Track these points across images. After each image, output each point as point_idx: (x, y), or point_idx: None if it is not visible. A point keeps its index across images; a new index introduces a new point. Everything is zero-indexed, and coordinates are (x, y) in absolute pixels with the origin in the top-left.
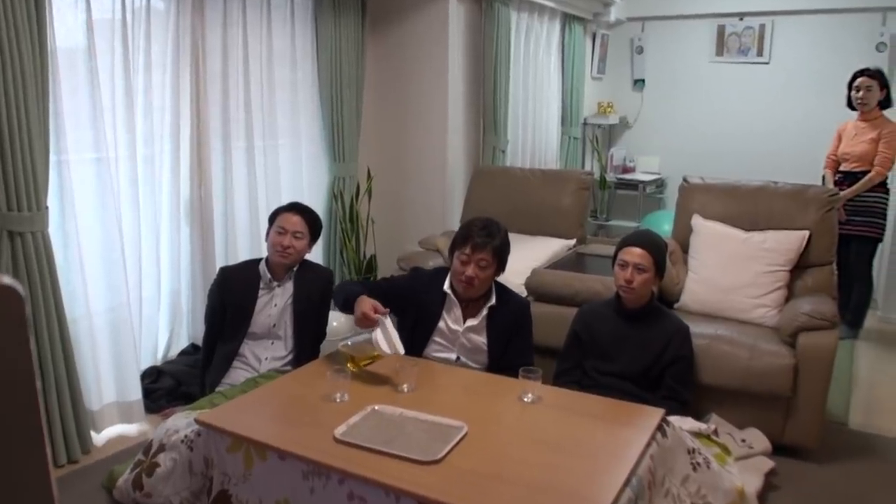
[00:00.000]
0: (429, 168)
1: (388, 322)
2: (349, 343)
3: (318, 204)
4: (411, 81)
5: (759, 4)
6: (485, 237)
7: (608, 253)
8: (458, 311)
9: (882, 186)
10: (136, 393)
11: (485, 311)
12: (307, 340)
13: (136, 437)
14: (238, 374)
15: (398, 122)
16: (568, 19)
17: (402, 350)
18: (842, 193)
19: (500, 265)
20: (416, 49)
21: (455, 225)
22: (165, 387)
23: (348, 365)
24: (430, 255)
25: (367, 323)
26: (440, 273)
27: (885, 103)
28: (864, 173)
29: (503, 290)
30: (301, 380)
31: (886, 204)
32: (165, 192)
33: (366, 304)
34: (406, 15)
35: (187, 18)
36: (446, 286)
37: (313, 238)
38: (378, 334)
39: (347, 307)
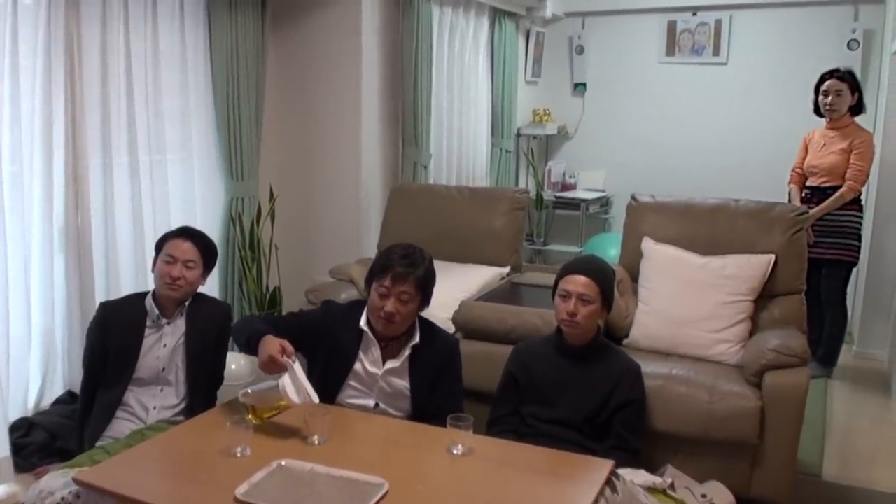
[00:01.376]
0: (340, 186)
1: (298, 366)
2: (250, 391)
3: (212, 228)
4: (320, 87)
5: None
6: (407, 266)
7: (547, 282)
8: (376, 352)
9: (855, 204)
10: (3, 449)
11: (407, 352)
12: (202, 386)
13: (3, 501)
14: (122, 425)
15: (305, 134)
16: (498, 15)
17: (315, 398)
18: (810, 212)
19: (425, 298)
20: (325, 49)
21: (371, 251)
22: (38, 441)
23: (249, 417)
24: (342, 287)
25: (273, 368)
26: (356, 307)
27: (856, 109)
28: (835, 189)
29: (428, 327)
30: (195, 431)
31: (860, 223)
32: (36, 214)
33: (272, 345)
34: (313, 10)
35: (60, 13)
36: (363, 323)
37: (207, 268)
38: (286, 380)
39: (251, 348)
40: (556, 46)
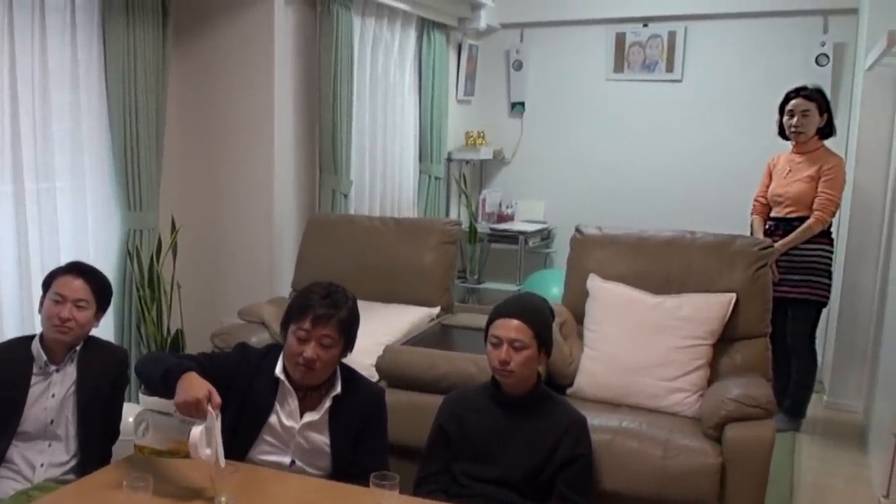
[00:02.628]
0: (251, 218)
1: (219, 423)
2: (147, 425)
3: (107, 264)
4: (228, 107)
5: (668, 6)
6: (328, 307)
7: (481, 324)
8: (293, 403)
9: (825, 237)
10: None
11: (328, 403)
12: (95, 441)
13: None
14: (5, 485)
15: (211, 160)
16: (427, 26)
17: (222, 463)
18: (775, 245)
19: (348, 343)
20: (233, 65)
21: (285, 290)
22: None
23: (137, 449)
24: (253, 330)
25: (193, 412)
26: (271, 353)
27: (825, 131)
28: (802, 220)
29: (351, 376)
30: (87, 492)
31: (831, 259)
32: None
33: (200, 386)
34: (220, 22)
35: None
36: (279, 370)
37: (101, 308)
38: (201, 433)
39: (167, 384)
40: (491, 61)
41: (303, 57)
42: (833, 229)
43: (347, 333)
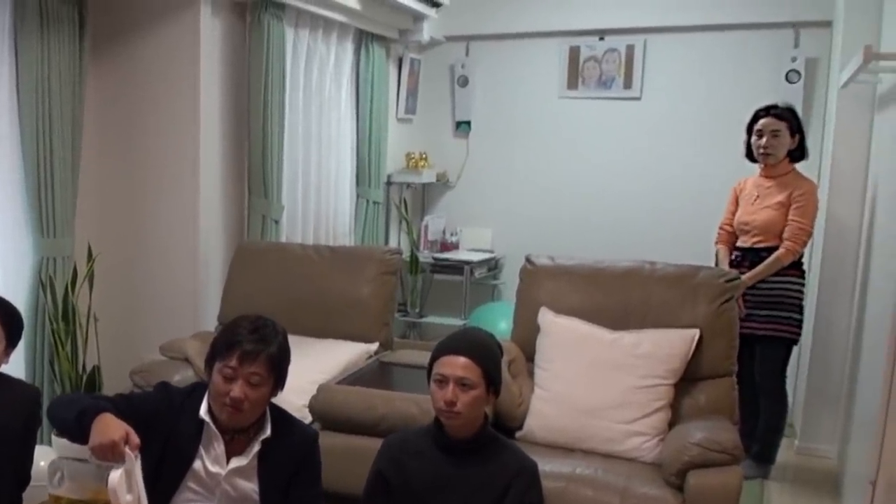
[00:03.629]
0: (174, 245)
1: (139, 465)
2: (62, 474)
3: (17, 295)
4: (150, 125)
5: (626, 18)
6: (257, 343)
7: (423, 361)
8: (219, 447)
9: (796, 269)
10: None
11: (256, 447)
12: (5, 487)
13: None
14: None
15: (132, 182)
16: (365, 39)
17: None
18: (742, 277)
19: (278, 381)
20: (156, 80)
21: (210, 323)
22: None
23: (53, 500)
24: (176, 367)
25: (110, 455)
26: (196, 393)
27: (797, 154)
28: (771, 250)
29: (282, 417)
30: None
31: (802, 292)
32: None
33: (117, 428)
34: (142, 32)
35: None
36: (203, 411)
37: (11, 343)
38: (120, 477)
39: (81, 426)
40: (434, 77)
41: (231, 71)
42: (805, 260)
43: (277, 371)
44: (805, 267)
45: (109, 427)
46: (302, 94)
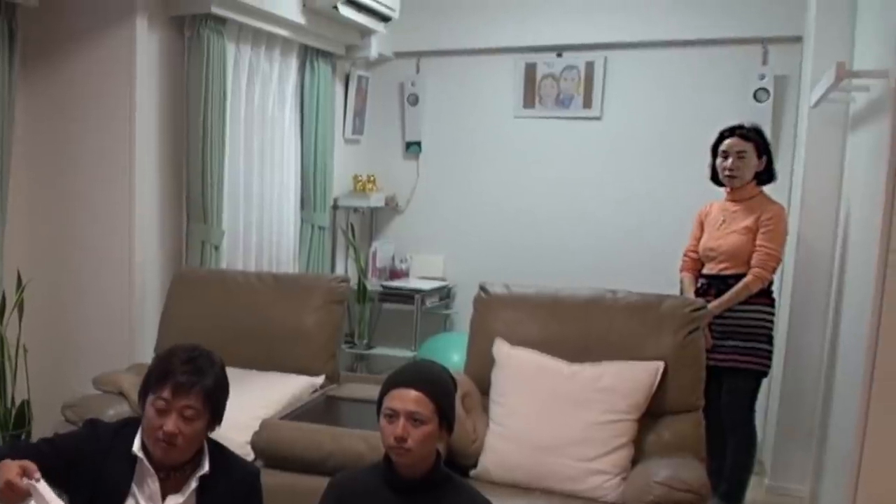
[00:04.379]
0: (108, 272)
1: (44, 486)
2: None
3: None
4: (83, 145)
5: (585, 34)
6: (191, 374)
7: (372, 396)
8: (153, 485)
9: (765, 297)
10: None
11: (193, 484)
12: None
13: None
14: None
15: (64, 205)
16: (310, 55)
17: None
18: (709, 306)
19: (215, 415)
20: (90, 98)
21: (146, 355)
22: None
23: None
24: (110, 401)
25: (12, 496)
26: (128, 428)
27: (765, 176)
28: (738, 277)
29: (220, 454)
30: None
31: (772, 322)
32: None
33: (10, 468)
34: (75, 48)
35: None
36: (136, 447)
37: None
38: None
39: None
40: (383, 95)
41: (169, 88)
42: (774, 288)
43: (213, 404)
44: (775, 295)
45: (0, 471)
46: (244, 112)
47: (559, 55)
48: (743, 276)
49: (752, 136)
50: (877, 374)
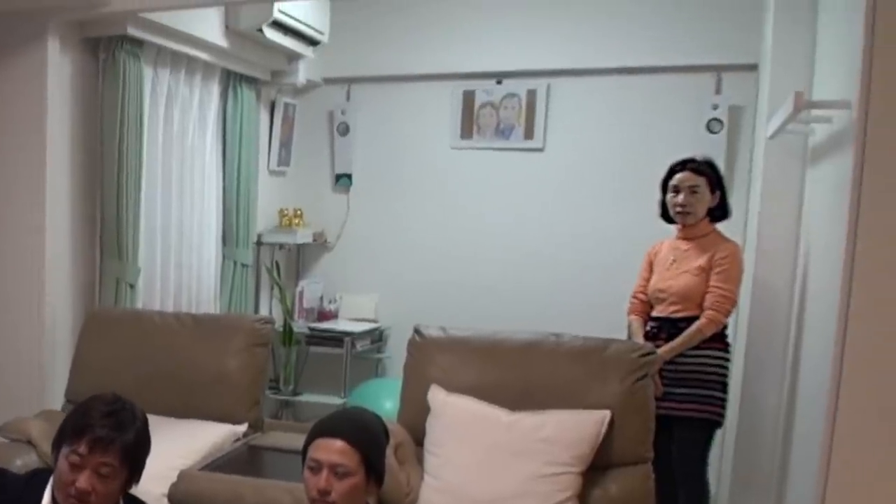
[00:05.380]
0: (17, 311)
1: None
2: None
3: None
4: None
5: (526, 60)
6: (111, 429)
7: (298, 445)
8: None
9: (719, 341)
10: None
11: None
12: None
13: None
14: None
15: None
16: (233, 80)
17: None
18: (659, 351)
19: (134, 472)
20: None
21: (57, 400)
22: None
23: None
24: (17, 451)
25: None
26: (36, 479)
27: (718, 213)
28: (690, 320)
29: None
30: None
31: (726, 368)
32: None
33: None
34: None
35: None
36: (47, 500)
37: None
38: None
39: None
40: (311, 124)
41: (82, 114)
42: (729, 332)
43: (133, 462)
44: (729, 339)
45: None
46: (162, 141)
47: (499, 82)
48: (695, 318)
49: (705, 169)
50: (838, 425)
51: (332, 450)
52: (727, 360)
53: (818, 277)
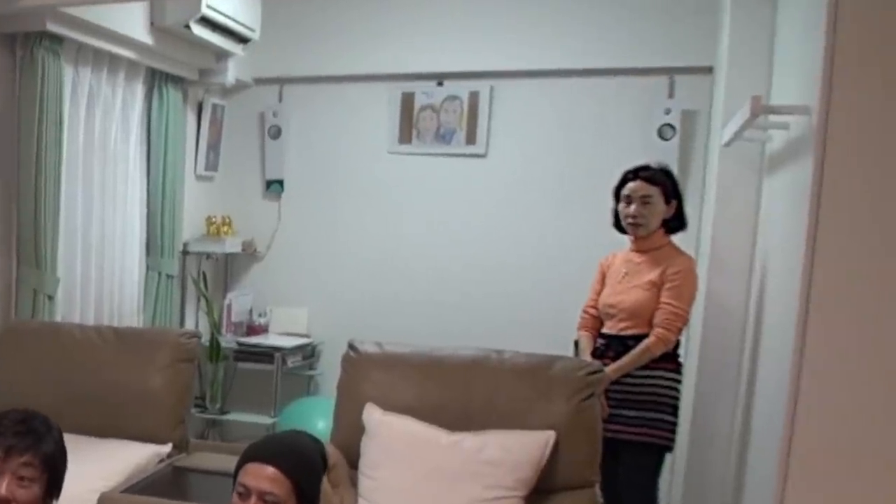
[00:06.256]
0: None
1: None
2: None
3: None
4: None
5: (469, 60)
6: (26, 436)
7: (224, 467)
8: None
9: (670, 361)
10: None
11: None
12: None
13: None
14: None
15: None
16: (158, 79)
17: None
18: (607, 370)
19: (53, 484)
20: None
21: None
22: None
23: None
24: None
25: None
26: None
27: (674, 224)
28: (640, 338)
29: None
30: None
31: (677, 390)
32: None
33: None
34: None
35: None
36: None
37: None
38: None
39: None
40: (241, 127)
41: None
42: (681, 352)
43: (52, 470)
44: (681, 359)
45: None
46: (82, 144)
47: (440, 84)
48: (645, 336)
49: (660, 178)
50: (794, 453)
51: (263, 476)
52: (678, 380)
53: (775, 293)
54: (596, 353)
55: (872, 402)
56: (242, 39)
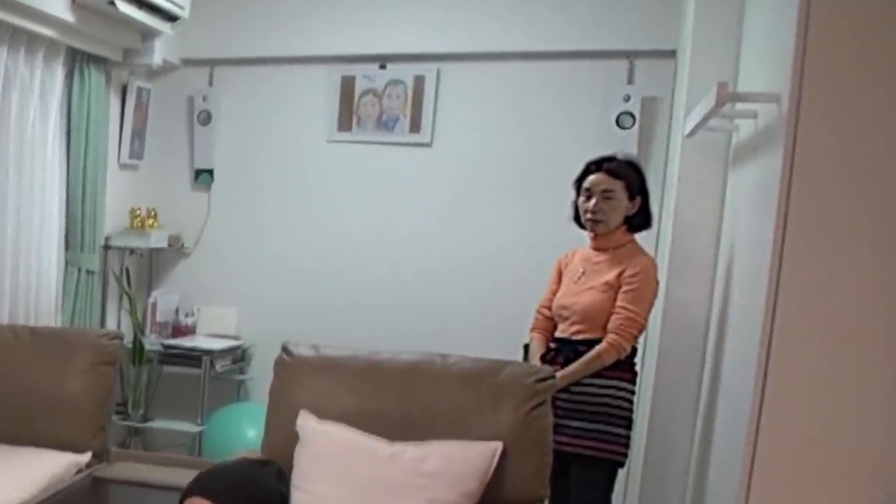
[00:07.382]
0: None
1: None
2: None
3: None
4: None
5: (414, 41)
6: None
7: (147, 478)
8: None
9: (626, 370)
10: None
11: None
12: None
13: None
14: None
15: None
16: (79, 60)
17: None
18: (558, 375)
19: None
20: None
21: None
22: None
23: None
24: None
25: None
26: None
27: (638, 221)
28: (593, 344)
29: None
30: None
31: (631, 401)
32: None
33: None
34: None
35: None
36: None
37: None
38: None
39: None
40: (168, 112)
41: None
42: (637, 360)
43: None
44: (637, 367)
45: None
46: None
47: (382, 67)
48: (598, 342)
49: (624, 171)
50: (758, 466)
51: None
52: (633, 391)
53: (740, 294)
54: (546, 358)
55: (841, 415)
56: (170, 17)
